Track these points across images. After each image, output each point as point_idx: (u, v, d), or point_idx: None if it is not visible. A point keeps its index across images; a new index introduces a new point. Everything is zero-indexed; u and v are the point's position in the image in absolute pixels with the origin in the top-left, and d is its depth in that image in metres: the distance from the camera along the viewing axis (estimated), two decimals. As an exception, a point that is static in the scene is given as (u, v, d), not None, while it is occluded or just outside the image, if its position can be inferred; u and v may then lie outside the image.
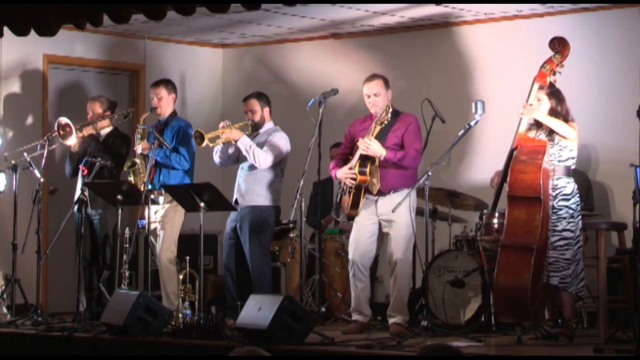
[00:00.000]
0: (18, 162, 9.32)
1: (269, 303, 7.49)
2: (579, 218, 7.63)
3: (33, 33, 7.79)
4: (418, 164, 8.36)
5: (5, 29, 7.92)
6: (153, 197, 8.84)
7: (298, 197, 8.46)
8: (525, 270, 7.40)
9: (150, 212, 8.79)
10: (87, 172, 9.12)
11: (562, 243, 7.54)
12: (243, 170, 9.01)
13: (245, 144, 8.82)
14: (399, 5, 9.61)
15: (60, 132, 9.29)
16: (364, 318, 8.42)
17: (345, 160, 8.47)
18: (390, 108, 8.17)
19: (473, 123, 8.22)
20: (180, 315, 8.13)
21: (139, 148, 9.13)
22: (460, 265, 8.72)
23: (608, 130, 9.38)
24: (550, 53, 7.85)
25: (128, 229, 8.78)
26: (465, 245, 8.93)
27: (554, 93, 7.75)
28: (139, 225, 8.96)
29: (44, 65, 10.56)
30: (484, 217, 8.42)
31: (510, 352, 7.30)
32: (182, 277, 8.41)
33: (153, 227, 9.01)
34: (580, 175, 8.96)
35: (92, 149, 9.35)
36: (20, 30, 7.80)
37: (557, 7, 9.57)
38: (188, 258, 8.39)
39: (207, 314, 7.84)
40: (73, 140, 9.30)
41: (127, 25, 9.69)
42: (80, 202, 9.03)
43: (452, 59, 10.32)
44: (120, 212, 8.78)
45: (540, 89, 7.77)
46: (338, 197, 8.50)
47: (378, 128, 8.19)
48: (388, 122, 8.17)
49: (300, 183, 8.44)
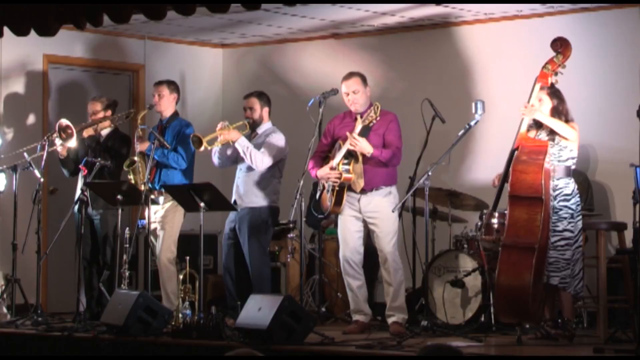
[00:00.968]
0: (18, 162, 9.32)
1: (269, 303, 7.49)
2: (579, 218, 7.63)
3: (33, 33, 7.80)
4: (400, 162, 8.37)
5: (5, 29, 7.93)
6: (153, 197, 8.86)
7: (298, 197, 8.46)
8: (527, 270, 7.39)
9: (150, 212, 8.80)
10: (87, 172, 9.11)
11: (562, 243, 7.54)
12: (241, 172, 9.00)
13: (243, 146, 8.81)
14: (399, 6, 9.60)
15: (62, 134, 9.29)
16: (365, 318, 8.40)
17: (325, 159, 8.45)
18: (379, 108, 8.10)
19: (473, 123, 8.23)
20: (180, 315, 8.14)
21: (140, 147, 9.14)
22: (460, 265, 8.73)
23: (608, 130, 9.37)
24: (552, 53, 7.83)
25: (128, 229, 8.78)
26: (466, 245, 8.93)
27: (555, 93, 7.74)
28: (139, 225, 8.97)
29: (44, 65, 10.55)
30: (484, 217, 8.42)
31: (510, 352, 7.30)
32: (182, 277, 8.42)
33: (153, 227, 9.01)
34: (580, 175, 8.95)
35: (92, 149, 9.36)
36: (20, 30, 7.80)
37: (557, 7, 9.57)
38: (188, 258, 8.39)
39: (207, 314, 7.84)
40: (74, 143, 9.29)
41: (127, 25, 9.68)
42: (81, 202, 9.03)
43: (452, 59, 10.32)
44: (121, 212, 8.79)
45: (542, 89, 7.76)
46: (318, 194, 8.50)
47: (360, 126, 8.16)
48: (376, 121, 8.13)
49: (300, 183, 8.44)
